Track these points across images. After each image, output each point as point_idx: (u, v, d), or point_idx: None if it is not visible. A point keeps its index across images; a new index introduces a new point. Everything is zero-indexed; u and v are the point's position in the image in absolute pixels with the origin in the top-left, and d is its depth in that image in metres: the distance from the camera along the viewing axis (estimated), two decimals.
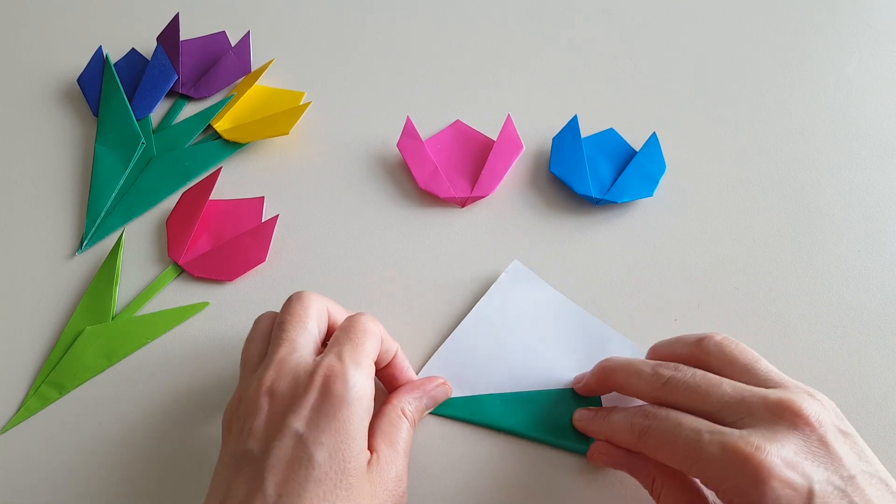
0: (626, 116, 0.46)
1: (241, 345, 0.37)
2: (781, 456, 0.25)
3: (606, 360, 0.33)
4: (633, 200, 0.42)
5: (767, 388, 0.28)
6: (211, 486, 0.28)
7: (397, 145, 0.44)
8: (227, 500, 0.26)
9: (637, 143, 0.44)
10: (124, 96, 0.46)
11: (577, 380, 0.35)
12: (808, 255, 0.40)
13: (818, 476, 0.25)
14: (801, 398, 0.27)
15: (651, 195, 0.41)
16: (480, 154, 0.44)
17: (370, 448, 0.29)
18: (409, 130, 0.44)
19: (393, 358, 0.33)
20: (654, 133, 0.43)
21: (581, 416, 0.34)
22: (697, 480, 0.29)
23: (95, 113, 0.47)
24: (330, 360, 0.28)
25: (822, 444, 0.26)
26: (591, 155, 0.43)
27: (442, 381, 0.34)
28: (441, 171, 0.43)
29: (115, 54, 0.49)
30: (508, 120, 0.44)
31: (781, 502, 0.24)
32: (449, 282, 0.39)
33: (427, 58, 0.50)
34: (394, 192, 0.43)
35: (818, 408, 0.27)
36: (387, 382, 0.34)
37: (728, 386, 0.28)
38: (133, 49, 0.49)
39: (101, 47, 0.49)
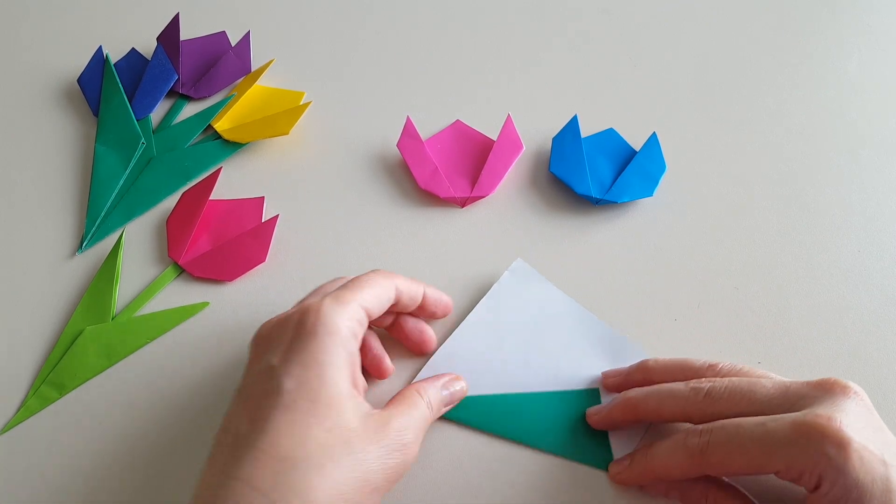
0: (626, 116, 0.46)
1: (242, 344, 0.37)
2: (851, 422, 0.25)
3: (627, 392, 0.32)
4: (633, 200, 0.42)
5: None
6: None
7: (397, 145, 0.44)
8: (219, 433, 0.28)
9: (637, 143, 0.44)
10: (124, 96, 0.46)
11: (593, 413, 0.33)
12: (808, 255, 0.40)
13: (881, 440, 0.26)
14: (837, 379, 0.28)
15: (651, 195, 0.41)
16: (480, 154, 0.44)
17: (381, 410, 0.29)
18: (409, 130, 0.44)
19: (422, 300, 0.34)
20: (654, 133, 0.44)
21: (618, 467, 0.32)
22: (744, 491, 0.29)
23: (95, 113, 0.47)
24: (311, 299, 0.29)
25: (871, 412, 0.27)
26: (591, 155, 0.43)
27: (457, 376, 0.34)
28: (441, 171, 0.43)
29: (115, 54, 0.49)
30: (508, 120, 0.44)
31: (865, 464, 0.24)
32: (449, 282, 0.39)
33: (427, 58, 0.50)
34: (394, 192, 0.43)
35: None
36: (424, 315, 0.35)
37: (767, 381, 0.28)
38: (133, 49, 0.49)
39: (101, 47, 0.49)
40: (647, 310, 0.38)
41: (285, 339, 0.28)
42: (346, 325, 0.28)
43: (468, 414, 0.34)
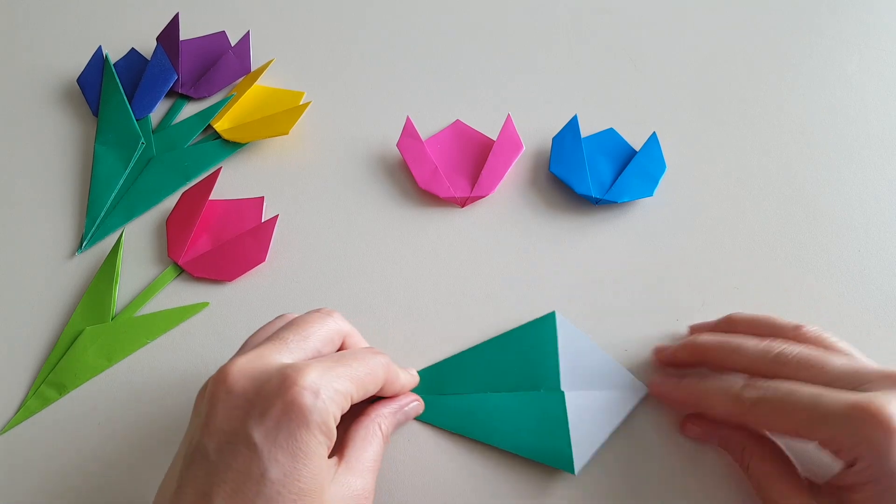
0: (626, 116, 0.46)
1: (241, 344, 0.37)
2: None
3: (698, 336, 0.33)
4: (633, 200, 0.42)
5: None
6: (167, 472, 0.27)
7: (397, 145, 0.44)
8: (175, 500, 0.25)
9: (637, 142, 0.44)
10: (124, 96, 0.46)
11: (661, 349, 0.35)
12: (808, 255, 0.40)
13: None
14: None
15: (651, 195, 0.41)
16: (480, 154, 0.44)
17: (338, 457, 0.28)
18: (409, 130, 0.44)
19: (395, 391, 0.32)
20: (654, 133, 0.43)
21: (662, 381, 0.33)
22: (784, 449, 0.30)
23: (95, 113, 0.47)
24: (309, 370, 0.26)
25: None
26: (590, 155, 0.43)
27: (416, 397, 0.34)
28: (441, 171, 0.43)
29: (114, 54, 0.49)
30: (508, 120, 0.44)
31: None
32: (448, 282, 0.39)
33: (427, 58, 0.50)
34: (394, 192, 0.43)
35: None
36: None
37: (839, 359, 0.28)
38: (133, 49, 0.49)
39: (100, 47, 0.49)
40: (647, 310, 0.38)
41: (272, 413, 0.25)
42: (335, 416, 0.27)
43: (438, 415, 0.35)
